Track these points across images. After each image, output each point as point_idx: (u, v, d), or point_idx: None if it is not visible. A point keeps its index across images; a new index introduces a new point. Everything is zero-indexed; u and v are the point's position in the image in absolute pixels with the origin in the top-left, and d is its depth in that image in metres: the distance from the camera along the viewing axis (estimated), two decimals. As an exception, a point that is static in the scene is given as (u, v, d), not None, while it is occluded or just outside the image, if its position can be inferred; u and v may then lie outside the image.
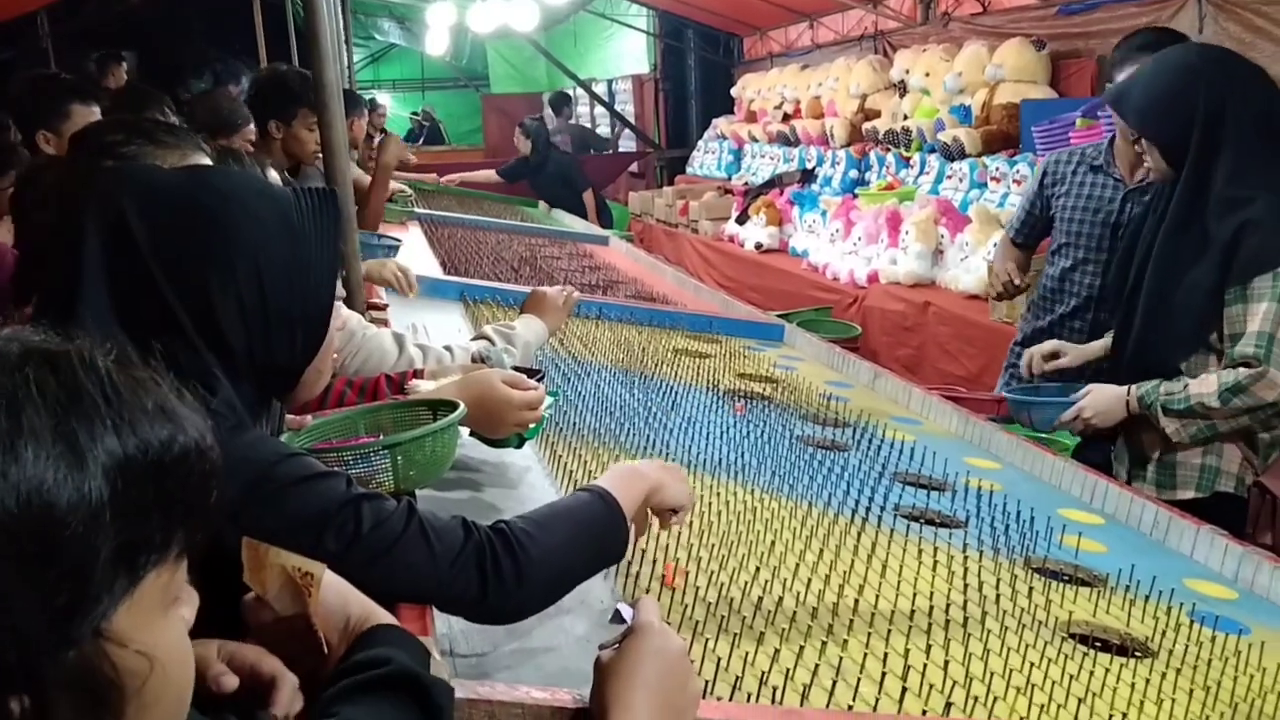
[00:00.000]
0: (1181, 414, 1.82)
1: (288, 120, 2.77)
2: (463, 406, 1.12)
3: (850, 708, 0.87)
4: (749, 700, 0.86)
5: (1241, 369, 1.77)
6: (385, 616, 0.76)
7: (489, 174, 6.50)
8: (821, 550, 1.24)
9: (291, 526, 0.82)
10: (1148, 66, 1.94)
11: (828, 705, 0.85)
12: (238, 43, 6.41)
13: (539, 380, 1.27)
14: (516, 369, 1.29)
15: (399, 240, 3.02)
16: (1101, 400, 1.93)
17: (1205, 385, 1.80)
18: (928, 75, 5.19)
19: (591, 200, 6.37)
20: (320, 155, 3.16)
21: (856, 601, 1.09)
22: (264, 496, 0.83)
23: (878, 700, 0.88)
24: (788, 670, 0.90)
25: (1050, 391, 2.14)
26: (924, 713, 0.89)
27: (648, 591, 1.06)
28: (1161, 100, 1.87)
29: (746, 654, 0.91)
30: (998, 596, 1.17)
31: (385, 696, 0.68)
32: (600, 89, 10.56)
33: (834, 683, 0.89)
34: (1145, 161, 1.95)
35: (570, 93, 10.26)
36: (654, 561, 1.12)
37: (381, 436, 1.10)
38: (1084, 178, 2.51)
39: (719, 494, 1.39)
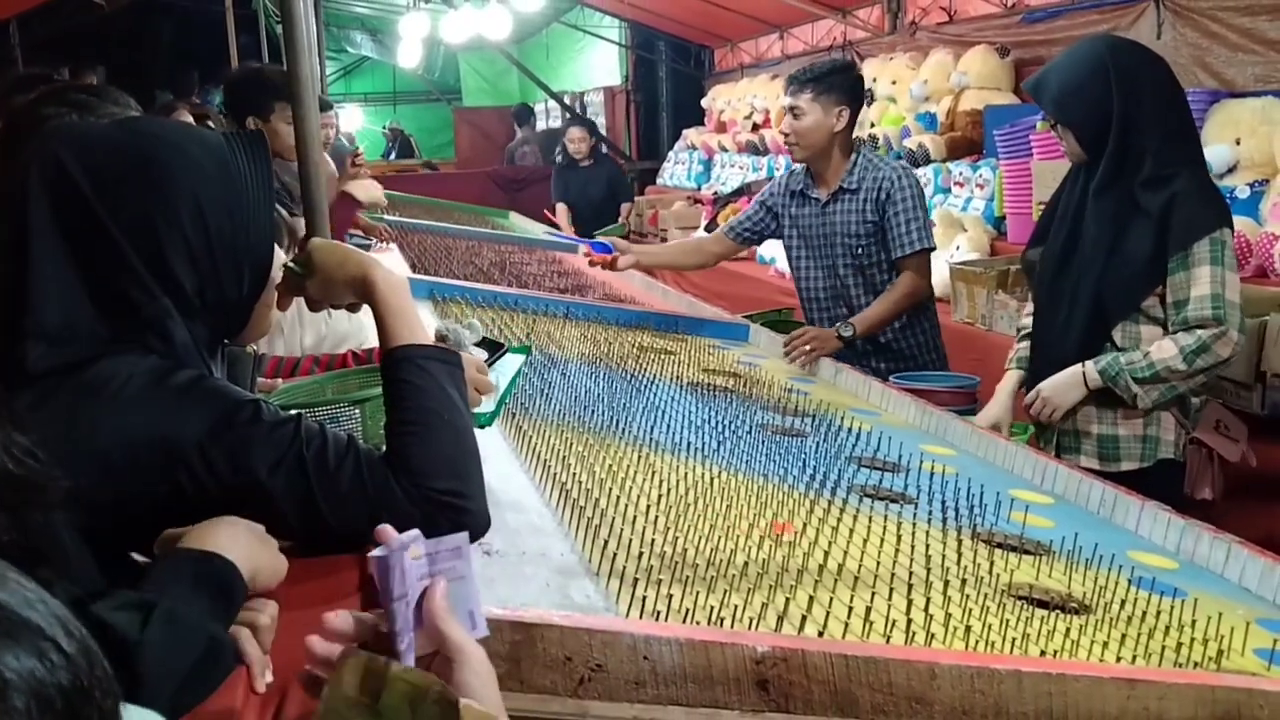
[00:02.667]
0: (1147, 380, 1.94)
1: (265, 115, 2.74)
2: None
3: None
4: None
5: (1199, 330, 1.90)
6: None
7: (563, 210, 6.14)
8: (774, 517, 1.28)
9: (247, 474, 0.85)
10: (1061, 57, 2.10)
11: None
12: (211, 54, 6.42)
13: (501, 354, 1.30)
14: (481, 342, 1.32)
15: (369, 240, 3.05)
16: (1059, 382, 2.04)
17: (1165, 351, 1.94)
18: (894, 83, 5.30)
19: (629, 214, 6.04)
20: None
21: (805, 559, 1.13)
22: (223, 442, 0.86)
23: (821, 634, 0.93)
24: (735, 609, 0.94)
25: (935, 378, 2.43)
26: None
27: (614, 555, 1.07)
28: (1075, 87, 2.02)
29: (698, 594, 0.95)
30: (943, 559, 1.22)
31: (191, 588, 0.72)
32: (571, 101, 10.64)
33: (780, 620, 0.93)
34: (1062, 146, 2.10)
35: (530, 105, 10.31)
36: (620, 531, 1.15)
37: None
38: (796, 206, 2.78)
39: (677, 469, 1.43)
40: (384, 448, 0.94)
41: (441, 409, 0.93)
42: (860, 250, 2.65)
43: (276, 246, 1.00)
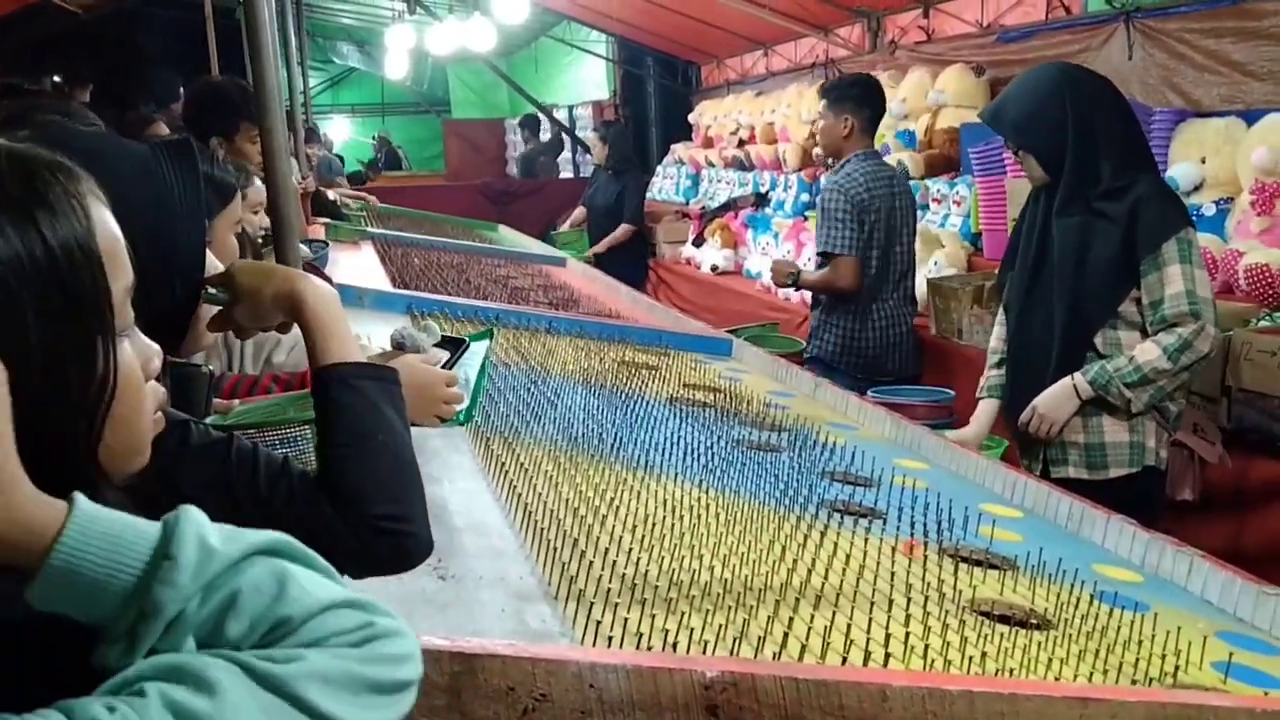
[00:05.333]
0: (1136, 384, 1.99)
1: (230, 134, 2.69)
2: None
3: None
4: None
5: (1178, 328, 1.95)
6: None
7: (577, 214, 6.10)
8: (742, 533, 1.29)
9: (174, 500, 0.83)
10: (1015, 86, 2.17)
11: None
12: (194, 63, 6.37)
13: (464, 349, 1.29)
14: (442, 340, 1.30)
15: (326, 242, 3.07)
16: (1052, 397, 2.08)
17: (1149, 353, 2.00)
18: (875, 101, 5.34)
19: (625, 239, 5.83)
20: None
21: (769, 577, 1.14)
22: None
23: (776, 657, 0.93)
24: (692, 631, 0.94)
25: (911, 393, 2.43)
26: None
27: (573, 578, 1.08)
28: (1033, 113, 2.09)
29: (654, 617, 0.95)
30: (907, 576, 1.23)
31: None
32: (560, 115, 10.66)
33: (736, 642, 0.94)
34: (1022, 169, 2.18)
35: (538, 117, 10.33)
36: (583, 553, 1.15)
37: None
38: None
39: (648, 486, 1.44)
40: None
41: (376, 429, 0.88)
42: None
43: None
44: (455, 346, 1.30)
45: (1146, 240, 1.98)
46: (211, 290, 0.99)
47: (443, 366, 1.24)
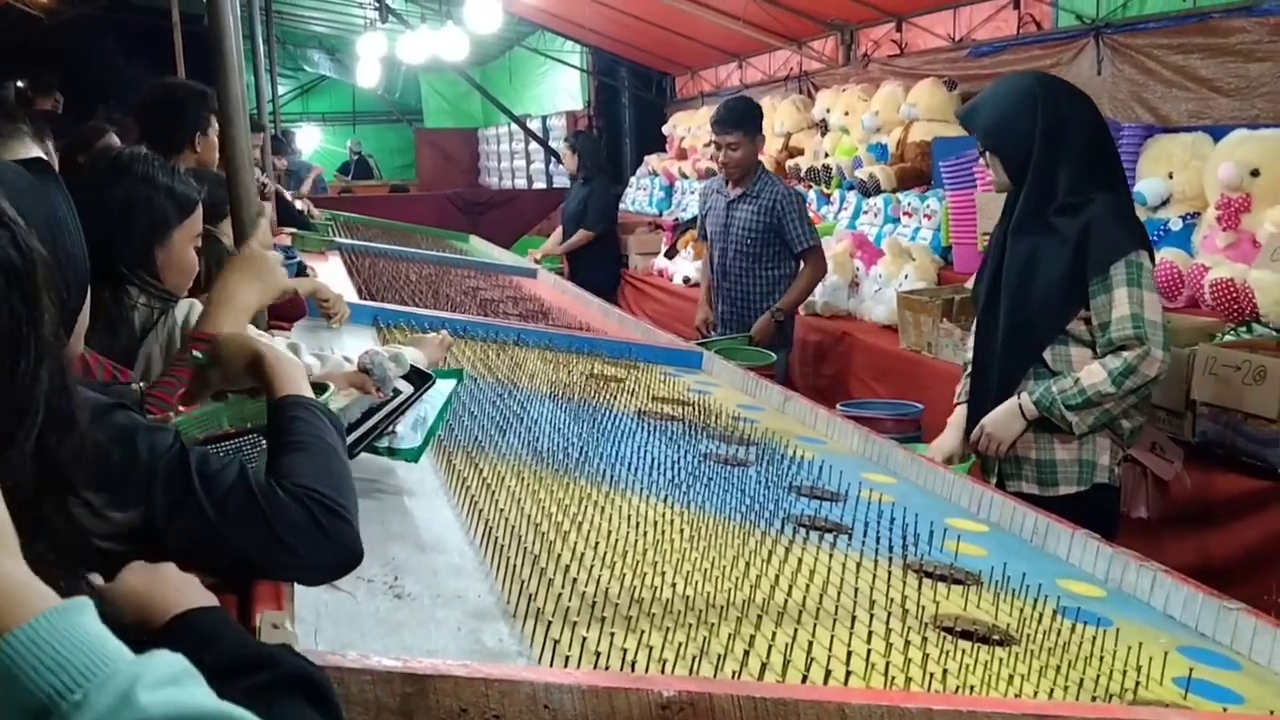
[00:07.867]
0: (1079, 407, 1.99)
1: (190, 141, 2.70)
2: (333, 388, 1.14)
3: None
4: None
5: (1124, 352, 1.96)
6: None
7: (556, 236, 6.08)
8: (706, 549, 1.28)
9: (121, 478, 0.83)
10: (993, 89, 2.18)
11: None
12: (159, 68, 6.28)
13: (429, 386, 1.28)
14: (409, 374, 1.29)
15: (295, 253, 3.03)
16: (999, 416, 2.08)
17: (1095, 375, 1.99)
18: (847, 114, 5.38)
19: (581, 244, 5.86)
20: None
21: (731, 593, 1.13)
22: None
23: (736, 675, 0.92)
24: (651, 649, 0.93)
25: (879, 406, 2.45)
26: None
27: (532, 596, 1.06)
28: (1005, 118, 2.10)
29: (613, 635, 0.94)
30: (871, 591, 1.22)
31: (294, 699, 0.67)
32: (534, 125, 10.66)
33: (696, 660, 0.93)
34: (989, 175, 2.18)
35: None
36: (543, 569, 1.14)
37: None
38: (713, 201, 3.85)
39: (613, 501, 1.42)
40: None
41: (327, 437, 0.98)
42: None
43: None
44: (422, 380, 1.29)
45: (1096, 261, 1.98)
46: (197, 355, 1.11)
47: (405, 400, 1.25)
